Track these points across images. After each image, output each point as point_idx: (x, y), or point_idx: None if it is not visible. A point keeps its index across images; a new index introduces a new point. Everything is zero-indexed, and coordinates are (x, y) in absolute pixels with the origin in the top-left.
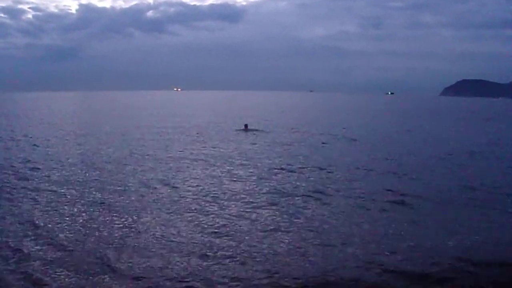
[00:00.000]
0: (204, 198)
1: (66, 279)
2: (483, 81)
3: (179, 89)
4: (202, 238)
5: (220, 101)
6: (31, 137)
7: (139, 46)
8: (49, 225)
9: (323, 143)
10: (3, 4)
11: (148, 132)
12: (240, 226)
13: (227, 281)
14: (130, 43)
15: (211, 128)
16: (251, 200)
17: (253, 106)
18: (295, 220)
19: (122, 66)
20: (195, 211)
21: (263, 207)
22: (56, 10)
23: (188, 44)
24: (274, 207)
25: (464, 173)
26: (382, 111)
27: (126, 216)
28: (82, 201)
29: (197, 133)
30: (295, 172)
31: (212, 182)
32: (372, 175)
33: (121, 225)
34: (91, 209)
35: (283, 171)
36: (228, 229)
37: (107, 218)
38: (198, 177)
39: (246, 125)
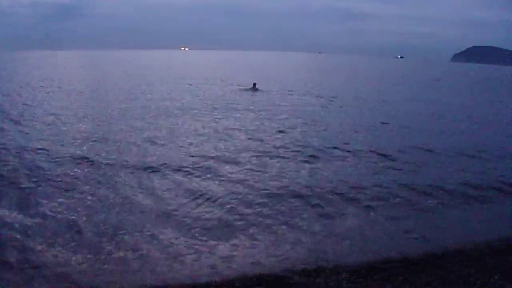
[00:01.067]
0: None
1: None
2: (494, 47)
3: (186, 48)
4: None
5: (229, 60)
6: (37, 99)
7: (146, 4)
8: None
9: (326, 106)
10: None
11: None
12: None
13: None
14: (137, 1)
15: (221, 86)
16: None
17: (262, 67)
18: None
19: (128, 24)
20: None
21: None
22: None
23: (196, 2)
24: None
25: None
26: (392, 75)
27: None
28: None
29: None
30: (297, 131)
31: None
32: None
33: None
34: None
35: (284, 132)
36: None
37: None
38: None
39: (254, 84)
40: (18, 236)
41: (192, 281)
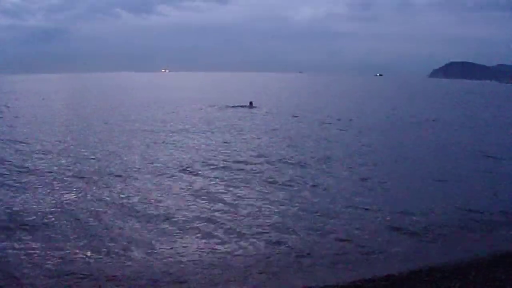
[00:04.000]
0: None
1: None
2: (470, 63)
3: (167, 71)
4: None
5: (213, 82)
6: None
7: (126, 27)
8: None
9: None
10: None
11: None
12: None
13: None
14: (117, 24)
15: (221, 104)
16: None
17: (249, 87)
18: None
19: (108, 47)
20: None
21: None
22: None
23: (177, 25)
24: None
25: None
26: (371, 93)
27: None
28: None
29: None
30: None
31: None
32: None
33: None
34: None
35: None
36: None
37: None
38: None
39: (251, 103)
40: None
41: None
